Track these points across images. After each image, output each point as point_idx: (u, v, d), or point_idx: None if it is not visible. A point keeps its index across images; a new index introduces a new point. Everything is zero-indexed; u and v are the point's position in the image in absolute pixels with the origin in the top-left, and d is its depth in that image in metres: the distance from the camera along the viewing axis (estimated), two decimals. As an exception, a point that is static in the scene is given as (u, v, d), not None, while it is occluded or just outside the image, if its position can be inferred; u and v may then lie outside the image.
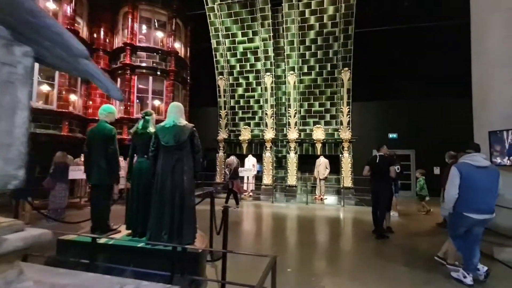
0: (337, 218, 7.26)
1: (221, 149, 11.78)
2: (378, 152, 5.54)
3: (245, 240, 4.83)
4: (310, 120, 11.21)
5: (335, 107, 10.93)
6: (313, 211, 7.91)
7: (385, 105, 12.43)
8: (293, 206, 8.86)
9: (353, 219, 7.03)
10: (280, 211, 7.93)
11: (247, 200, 9.78)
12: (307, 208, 8.38)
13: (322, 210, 8.17)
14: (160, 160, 3.29)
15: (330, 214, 7.63)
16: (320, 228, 6.21)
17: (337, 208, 8.60)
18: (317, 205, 9.02)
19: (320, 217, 7.26)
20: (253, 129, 11.73)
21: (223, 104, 11.95)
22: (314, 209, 8.34)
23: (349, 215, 7.58)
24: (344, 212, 7.92)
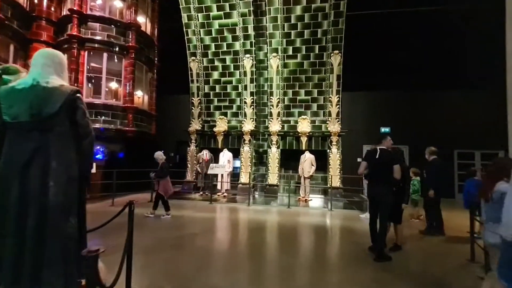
0: (323, 227, 5.95)
1: (193, 142, 10.23)
2: (379, 146, 4.22)
3: (190, 268, 3.39)
4: (294, 111, 9.87)
5: (323, 96, 9.63)
6: (296, 217, 6.58)
7: (377, 96, 11.28)
8: (273, 209, 7.51)
9: (343, 229, 5.75)
10: (256, 217, 6.55)
11: (220, 201, 8.34)
12: (289, 213, 7.05)
13: (307, 215, 6.86)
14: (5, 150, 1.80)
15: (315, 221, 6.33)
16: (302, 243, 4.87)
17: (324, 212, 7.32)
18: (301, 208, 7.71)
19: (304, 225, 5.94)
20: (230, 119, 10.25)
21: (196, 90, 10.37)
22: (297, 213, 7.02)
23: (337, 222, 6.31)
24: (331, 218, 6.64)
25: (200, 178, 9.36)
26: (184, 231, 5.05)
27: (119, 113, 8.67)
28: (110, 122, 8.53)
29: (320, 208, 7.82)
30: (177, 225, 5.48)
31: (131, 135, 8.78)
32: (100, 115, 8.39)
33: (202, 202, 8.12)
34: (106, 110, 8.47)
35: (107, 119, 8.49)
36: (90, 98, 8.46)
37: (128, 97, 8.76)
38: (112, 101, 8.70)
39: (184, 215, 6.42)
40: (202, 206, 7.60)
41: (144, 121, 9.67)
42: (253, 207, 7.64)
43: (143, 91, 10.01)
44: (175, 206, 7.44)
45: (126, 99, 8.75)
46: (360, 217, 6.64)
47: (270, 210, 7.36)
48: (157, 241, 4.32)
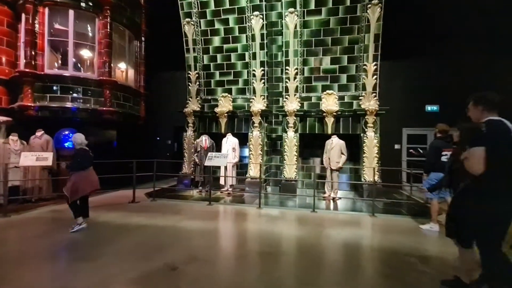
0: (374, 251, 3.89)
1: (190, 126, 8.30)
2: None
3: None
4: (317, 84, 7.70)
5: (355, 63, 7.39)
6: (327, 229, 4.58)
7: (422, 66, 8.86)
8: (292, 214, 5.53)
9: (409, 252, 3.69)
10: (269, 228, 4.59)
11: (223, 201, 6.44)
12: (315, 220, 5.06)
13: (342, 225, 4.83)
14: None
15: (358, 237, 4.31)
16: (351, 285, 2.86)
17: (363, 219, 5.27)
18: (329, 213, 5.68)
19: (343, 245, 3.93)
20: (236, 97, 8.22)
21: (193, 62, 8.34)
22: (327, 221, 5.01)
23: (392, 238, 4.24)
24: (380, 231, 4.59)
25: (199, 171, 7.47)
26: (153, 261, 3.15)
27: (93, 88, 6.79)
28: (81, 100, 6.67)
29: (356, 212, 5.76)
30: (150, 248, 3.59)
31: (109, 117, 6.92)
32: (68, 91, 6.54)
33: (199, 203, 6.24)
34: (76, 85, 6.61)
35: (77, 97, 6.64)
36: (55, 70, 6.60)
37: (104, 69, 6.84)
38: (84, 74, 6.81)
39: (167, 225, 4.54)
40: (198, 209, 5.72)
41: (128, 100, 7.78)
42: (265, 211, 5.69)
43: (127, 64, 8.07)
44: (165, 208, 5.61)
45: (101, 71, 6.84)
46: (422, 228, 4.59)
47: (289, 216, 5.38)
48: None
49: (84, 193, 4.16)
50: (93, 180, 4.26)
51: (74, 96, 6.59)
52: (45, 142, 5.90)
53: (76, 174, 4.06)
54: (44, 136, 5.95)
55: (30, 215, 4.96)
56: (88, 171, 4.21)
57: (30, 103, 6.19)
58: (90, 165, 4.26)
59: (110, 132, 7.78)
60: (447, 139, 4.40)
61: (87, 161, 4.19)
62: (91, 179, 4.23)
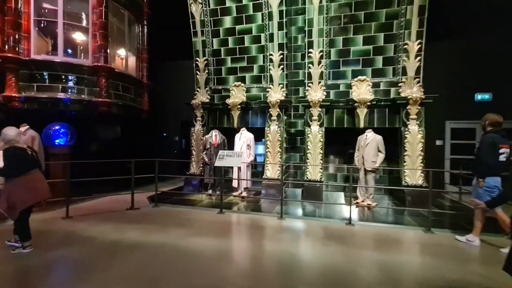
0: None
1: (198, 120, 7.32)
2: None
3: None
4: (347, 69, 6.52)
5: (394, 42, 6.15)
6: (374, 253, 3.48)
7: (472, 45, 7.45)
8: (323, 228, 4.45)
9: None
10: (295, 250, 3.55)
11: (236, 208, 5.44)
12: (353, 238, 3.96)
13: (393, 247, 3.71)
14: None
15: (427, 270, 3.19)
16: None
17: (417, 236, 4.12)
18: (369, 227, 4.55)
19: (411, 284, 2.83)
20: (250, 87, 7.16)
21: (201, 46, 7.32)
22: (369, 240, 3.90)
23: (475, 270, 3.10)
24: (451, 258, 3.43)
25: (208, 171, 6.49)
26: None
27: (87, 76, 5.90)
28: (73, 90, 5.81)
29: (405, 225, 4.60)
30: (140, 283, 2.62)
31: (105, 109, 6.02)
32: (59, 80, 5.67)
33: (208, 211, 5.26)
34: (67, 73, 5.74)
35: (69, 86, 5.77)
36: (43, 55, 5.75)
37: (100, 54, 5.93)
38: (76, 60, 5.92)
39: (168, 243, 3.57)
40: (207, 218, 4.74)
41: (128, 91, 6.87)
42: (289, 222, 4.63)
43: (127, 50, 7.15)
44: (168, 217, 4.65)
45: (96, 56, 5.94)
46: (458, 240, 3.55)
47: (320, 230, 4.30)
48: None
49: (25, 205, 3.09)
50: (37, 188, 3.19)
51: (65, 85, 5.73)
52: (30, 138, 5.04)
53: (12, 182, 3.04)
54: (29, 131, 5.10)
55: (2, 227, 4.11)
56: (29, 176, 3.15)
57: (14, 93, 5.37)
58: (31, 168, 3.19)
59: (109, 127, 6.92)
60: (502, 133, 3.44)
61: (24, 163, 3.13)
62: (34, 186, 3.16)
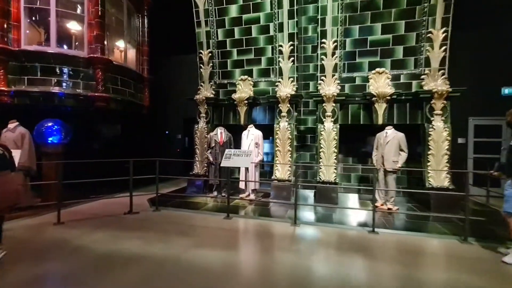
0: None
1: (202, 117, 6.85)
2: None
3: None
4: (363, 61, 6.00)
5: (416, 31, 5.62)
6: (402, 267, 2.98)
7: (499, 34, 6.86)
8: (343, 237, 3.96)
9: None
10: (311, 263, 3.08)
11: (244, 212, 4.97)
12: (378, 247, 3.48)
13: (425, 261, 3.21)
14: None
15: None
16: None
17: (455, 248, 3.62)
18: (395, 235, 4.04)
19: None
20: (258, 81, 6.66)
21: (205, 38, 6.84)
22: (397, 252, 3.41)
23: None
24: (505, 279, 2.94)
25: (213, 172, 6.03)
26: None
27: (82, 69, 5.46)
28: (67, 83, 5.37)
29: (436, 234, 4.09)
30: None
31: (102, 105, 5.57)
32: (52, 73, 5.23)
33: (214, 215, 4.80)
34: (60, 65, 5.30)
35: (63, 79, 5.33)
36: (35, 46, 5.31)
37: (96, 44, 5.48)
38: (70, 51, 5.47)
39: (169, 256, 3.11)
40: (213, 224, 4.27)
41: (127, 85, 6.42)
42: (305, 230, 4.14)
43: (126, 41, 6.69)
44: (170, 223, 4.19)
45: (92, 47, 5.49)
46: (506, 262, 3.01)
47: (340, 240, 3.82)
48: None
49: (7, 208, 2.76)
50: (6, 190, 2.76)
51: (58, 78, 5.29)
52: (19, 136, 4.63)
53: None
54: (18, 128, 4.69)
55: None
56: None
57: (3, 87, 4.95)
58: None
59: (107, 125, 6.49)
60: None
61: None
62: (3, 189, 2.74)
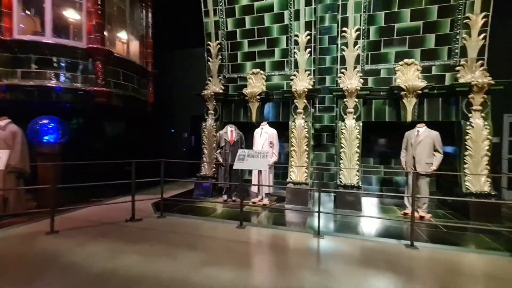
0: None
1: (210, 114, 6.34)
2: None
3: None
4: (389, 51, 5.40)
5: (451, 17, 5.00)
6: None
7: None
8: (377, 251, 3.40)
9: None
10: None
11: (257, 220, 4.45)
12: (422, 267, 2.91)
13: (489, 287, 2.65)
14: None
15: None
16: None
17: (508, 266, 3.04)
18: (437, 250, 3.46)
19: None
20: (271, 74, 6.12)
21: (214, 28, 6.32)
22: (447, 274, 2.84)
23: None
24: None
25: (223, 174, 5.52)
26: None
27: (80, 61, 4.99)
28: (64, 77, 4.91)
29: (487, 248, 3.51)
30: None
31: (102, 100, 5.10)
32: (47, 65, 4.78)
33: (225, 223, 4.28)
34: (57, 56, 4.84)
35: (59, 72, 4.87)
36: (29, 35, 4.85)
37: (95, 34, 5.00)
38: (67, 41, 5.00)
39: (176, 278, 2.60)
40: (225, 235, 3.74)
41: (130, 79, 5.94)
42: (328, 242, 3.59)
43: (128, 32, 6.21)
44: (176, 233, 3.65)
45: (91, 37, 5.01)
46: None
47: (373, 256, 3.26)
48: None
49: None
50: None
51: (55, 71, 4.83)
52: (10, 134, 4.19)
53: None
54: (9, 126, 4.25)
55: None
56: None
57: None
58: None
59: (108, 122, 6.03)
60: None
61: None
62: None
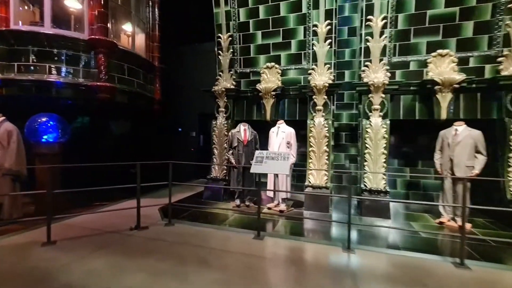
0: None
1: (221, 112, 5.90)
2: None
3: None
4: (419, 41, 4.87)
5: (492, 1, 4.45)
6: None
7: None
8: (415, 267, 2.90)
9: None
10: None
11: (276, 230, 4.00)
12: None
13: None
14: None
15: None
16: None
17: None
18: (492, 272, 2.95)
19: None
20: (286, 68, 5.64)
21: (224, 19, 5.87)
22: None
23: None
24: None
25: (235, 176, 5.07)
26: None
27: (82, 54, 4.60)
28: (65, 70, 4.52)
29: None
30: None
31: (105, 96, 4.70)
32: (46, 58, 4.40)
33: (240, 234, 3.82)
34: (57, 48, 4.46)
35: (59, 66, 4.48)
36: (27, 26, 4.48)
37: (98, 24, 4.61)
38: (68, 32, 4.61)
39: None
40: (240, 248, 3.29)
41: (135, 74, 5.54)
42: (361, 258, 3.11)
43: (133, 24, 5.81)
44: (186, 245, 3.16)
45: (93, 27, 4.62)
46: None
47: (420, 280, 2.77)
48: None
49: None
50: None
51: (54, 65, 4.45)
52: (5, 133, 3.82)
53: None
54: (4, 124, 3.88)
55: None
56: None
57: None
58: None
59: (112, 121, 5.65)
60: None
61: None
62: None
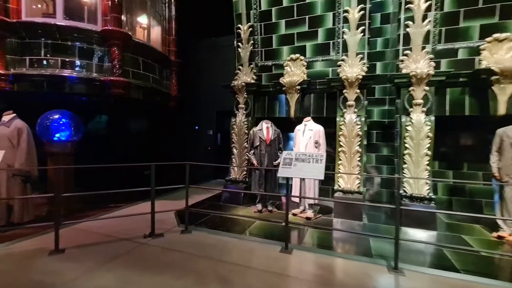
0: None
1: (241, 108, 5.49)
2: None
3: None
4: (470, 25, 4.21)
5: None
6: None
7: None
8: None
9: None
10: None
11: (305, 242, 3.54)
12: None
13: None
14: None
15: None
16: None
17: None
18: None
19: None
20: (313, 60, 5.13)
21: (245, 7, 5.43)
22: None
23: None
24: None
25: (257, 178, 4.63)
26: None
27: (95, 47, 4.32)
28: (78, 64, 4.27)
29: None
30: None
31: (120, 92, 4.41)
32: (59, 52, 4.16)
33: (264, 246, 3.38)
34: (69, 42, 4.20)
35: (72, 60, 4.23)
36: (37, 18, 4.26)
37: (112, 15, 4.31)
38: (80, 23, 4.35)
39: None
40: (265, 264, 2.85)
41: (151, 69, 5.24)
42: (413, 282, 2.59)
43: (149, 16, 5.50)
44: (204, 258, 2.72)
45: (106, 18, 4.33)
46: None
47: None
48: None
49: None
50: None
51: (66, 58, 4.20)
52: (15, 131, 3.59)
53: None
54: (14, 122, 3.66)
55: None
56: None
57: (0, 70, 3.94)
58: None
59: (127, 118, 5.38)
60: None
61: None
62: None
